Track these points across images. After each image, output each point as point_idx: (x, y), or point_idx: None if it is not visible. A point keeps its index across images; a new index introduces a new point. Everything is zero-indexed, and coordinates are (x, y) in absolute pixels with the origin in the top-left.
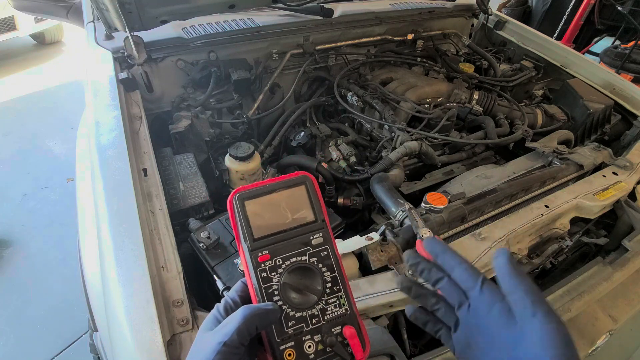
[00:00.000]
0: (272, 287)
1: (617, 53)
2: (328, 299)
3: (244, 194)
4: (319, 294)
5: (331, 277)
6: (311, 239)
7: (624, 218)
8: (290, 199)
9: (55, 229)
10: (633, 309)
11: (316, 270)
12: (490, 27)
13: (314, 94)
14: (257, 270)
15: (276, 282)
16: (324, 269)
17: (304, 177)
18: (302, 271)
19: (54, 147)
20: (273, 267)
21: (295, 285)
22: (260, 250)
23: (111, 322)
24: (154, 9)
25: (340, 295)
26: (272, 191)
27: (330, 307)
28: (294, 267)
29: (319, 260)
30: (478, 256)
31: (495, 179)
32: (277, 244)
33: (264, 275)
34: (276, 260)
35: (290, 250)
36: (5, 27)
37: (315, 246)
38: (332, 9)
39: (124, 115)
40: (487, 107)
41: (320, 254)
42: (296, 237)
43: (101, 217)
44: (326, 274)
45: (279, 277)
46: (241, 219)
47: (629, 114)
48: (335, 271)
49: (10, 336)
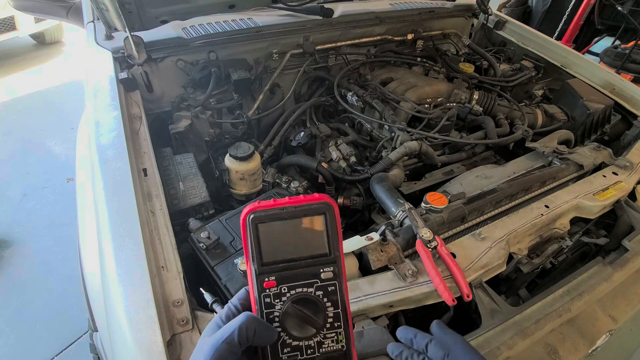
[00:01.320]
0: (274, 314)
1: (617, 53)
2: (326, 333)
3: (258, 216)
4: (318, 328)
5: (334, 313)
6: (321, 272)
7: (624, 218)
8: (306, 227)
9: (55, 229)
10: (633, 309)
11: (320, 304)
12: (490, 27)
13: (314, 94)
14: (261, 294)
15: (278, 310)
16: (328, 304)
17: (325, 206)
18: (305, 302)
19: (54, 147)
20: (277, 295)
21: (297, 315)
22: (267, 276)
23: (111, 322)
24: (154, 9)
25: (340, 332)
26: (288, 217)
27: (327, 341)
28: (298, 298)
29: (324, 295)
30: (478, 256)
31: (495, 179)
32: (286, 271)
33: (267, 301)
34: (282, 288)
35: (297, 280)
36: (5, 27)
37: (323, 280)
38: (332, 9)
39: (124, 115)
40: (487, 107)
41: (328, 289)
42: (306, 268)
43: (101, 217)
44: (329, 309)
45: (282, 305)
46: (252, 240)
47: (629, 114)
48: (340, 307)
49: (10, 336)
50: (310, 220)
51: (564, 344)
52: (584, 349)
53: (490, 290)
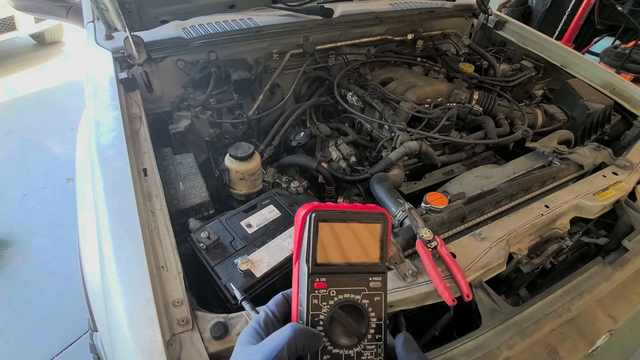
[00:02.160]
0: (319, 317)
1: (617, 53)
2: (367, 345)
3: (322, 214)
4: (360, 337)
5: (376, 325)
6: (370, 280)
7: (624, 218)
8: (363, 233)
9: (55, 229)
10: (633, 309)
11: (365, 313)
12: (490, 27)
13: (314, 94)
14: (310, 295)
15: (324, 313)
16: (372, 314)
17: (382, 216)
18: (351, 309)
19: (54, 147)
20: (325, 297)
21: (342, 321)
22: (318, 276)
23: (111, 322)
24: (154, 9)
25: (380, 345)
26: (349, 220)
27: (367, 353)
28: (345, 304)
29: (370, 304)
30: (478, 256)
31: (495, 179)
32: (336, 275)
33: (315, 303)
34: (330, 291)
35: (347, 285)
36: (5, 27)
37: (371, 289)
38: (332, 9)
39: (124, 115)
40: (487, 107)
41: (374, 298)
42: (356, 274)
43: (101, 217)
44: (373, 319)
45: (328, 308)
46: (309, 239)
47: (629, 114)
48: (382, 319)
49: (10, 336)
50: (367, 227)
51: (564, 344)
52: (584, 349)
53: (490, 290)
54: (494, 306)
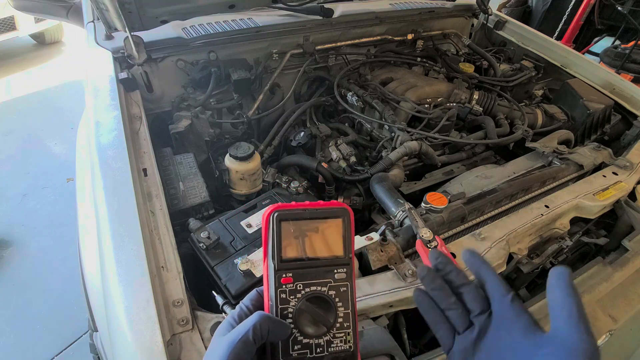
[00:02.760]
0: (288, 310)
1: (617, 53)
2: (336, 333)
3: (283, 213)
4: (329, 326)
5: (344, 313)
6: (335, 272)
7: (624, 218)
8: (325, 229)
9: (55, 229)
10: (633, 309)
11: (332, 304)
12: (490, 27)
13: (314, 94)
14: (277, 290)
15: (292, 306)
16: (340, 304)
17: (343, 211)
18: (318, 300)
19: (54, 147)
20: (293, 291)
21: (310, 312)
22: (284, 272)
23: (111, 322)
24: (154, 9)
25: (348, 332)
26: (310, 218)
27: (336, 340)
28: (312, 296)
29: (337, 295)
30: None
31: (495, 179)
32: (302, 269)
33: (283, 297)
34: (297, 285)
35: (312, 279)
36: (5, 27)
37: (337, 280)
38: (332, 9)
39: (124, 115)
40: (487, 107)
41: (340, 289)
42: (321, 267)
43: (101, 217)
44: (340, 309)
45: (296, 301)
46: (274, 237)
47: (629, 114)
48: (350, 308)
49: (10, 336)
50: (329, 223)
51: None
52: None
53: None
54: None
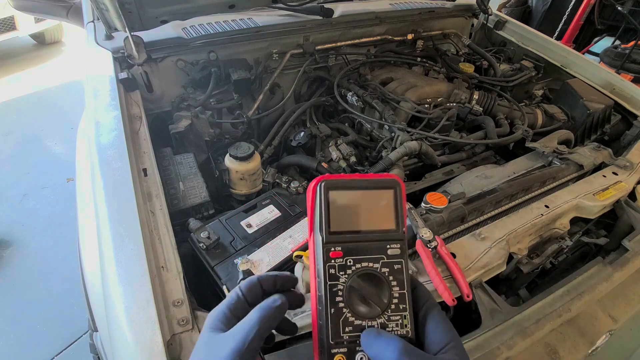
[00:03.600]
0: (338, 287)
1: (617, 53)
2: (391, 315)
3: (331, 182)
4: (383, 307)
5: (399, 294)
6: (387, 247)
7: (624, 218)
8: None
9: (55, 229)
10: (633, 309)
11: (385, 282)
12: (490, 27)
13: (314, 94)
14: (326, 265)
15: (342, 283)
16: (394, 283)
17: (395, 182)
18: (370, 279)
19: (54, 147)
20: (342, 266)
21: (362, 291)
22: (333, 245)
23: (111, 322)
24: (154, 9)
25: (405, 316)
26: (360, 188)
27: (392, 324)
28: (363, 273)
29: (390, 272)
30: (478, 256)
31: (495, 179)
32: (352, 243)
33: (332, 272)
34: (347, 260)
35: (363, 254)
36: (5, 27)
37: (390, 256)
38: (332, 9)
39: (124, 115)
40: (487, 107)
41: (394, 266)
42: (372, 242)
43: (101, 217)
44: (395, 289)
45: (346, 278)
46: (321, 207)
47: (629, 114)
48: (405, 288)
49: (10, 336)
50: (379, 194)
51: (564, 344)
52: (584, 349)
53: (490, 290)
54: (494, 306)
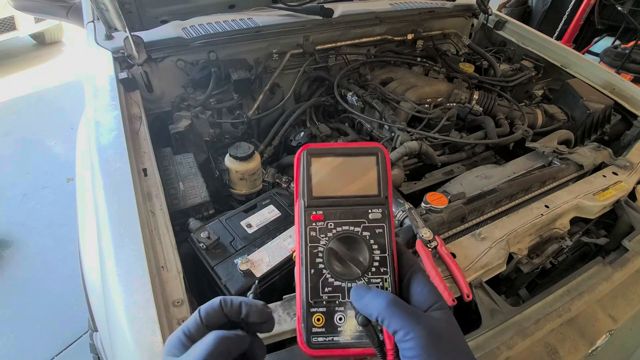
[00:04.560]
0: (318, 249)
1: (617, 53)
2: (371, 278)
3: (314, 150)
4: (363, 270)
5: (380, 257)
6: (369, 212)
7: (624, 218)
8: (358, 167)
9: (55, 229)
10: (633, 309)
11: (366, 245)
12: (490, 27)
13: (314, 94)
14: (307, 227)
15: (323, 245)
16: (375, 247)
17: (377, 148)
18: (351, 242)
19: (54, 147)
20: (323, 229)
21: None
22: (314, 209)
23: (111, 322)
24: (154, 9)
25: (385, 279)
26: (342, 154)
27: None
28: (344, 235)
29: (371, 236)
30: (478, 256)
31: (495, 179)
32: (334, 207)
33: (313, 235)
34: (328, 223)
35: (344, 218)
36: (5, 27)
37: (371, 220)
38: (332, 9)
39: (124, 115)
40: (487, 107)
41: (375, 230)
42: (355, 207)
43: (101, 217)
44: (376, 252)
45: (326, 240)
46: (304, 173)
47: (629, 114)
48: (387, 252)
49: (10, 336)
50: (362, 160)
51: (564, 344)
52: (584, 349)
53: (490, 290)
54: (494, 306)
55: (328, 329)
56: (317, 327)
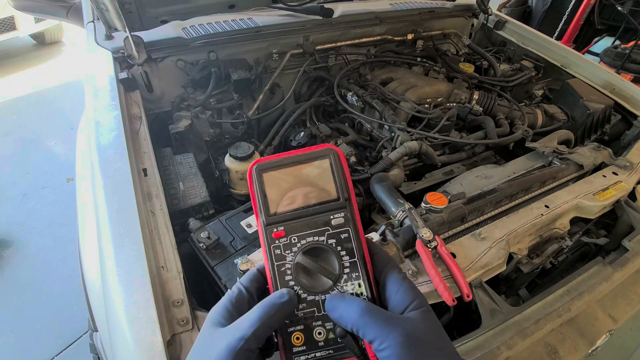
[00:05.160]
0: (285, 266)
1: (617, 53)
2: (344, 285)
3: (262, 165)
4: (335, 279)
5: (350, 262)
6: (331, 218)
7: (624, 218)
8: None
9: (55, 229)
10: (633, 309)
11: (333, 253)
12: (490, 27)
13: (314, 94)
14: (270, 246)
15: (289, 261)
16: (343, 252)
17: (328, 150)
18: (318, 252)
19: (54, 147)
20: (287, 245)
21: (310, 266)
22: (275, 226)
23: (111, 322)
24: (154, 9)
25: (359, 284)
26: (293, 164)
27: (345, 295)
28: (309, 247)
29: (338, 243)
30: (478, 256)
31: (495, 179)
32: (294, 220)
33: (277, 253)
34: (291, 238)
35: (307, 229)
36: (5, 27)
37: (335, 227)
38: (332, 9)
39: (124, 115)
40: (487, 107)
41: (340, 236)
42: (315, 215)
43: (101, 217)
44: (345, 258)
45: (293, 256)
46: (258, 191)
47: (629, 114)
48: (356, 256)
49: (10, 336)
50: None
51: (564, 344)
52: (584, 349)
53: (490, 290)
54: (494, 306)
55: (309, 346)
56: (298, 346)
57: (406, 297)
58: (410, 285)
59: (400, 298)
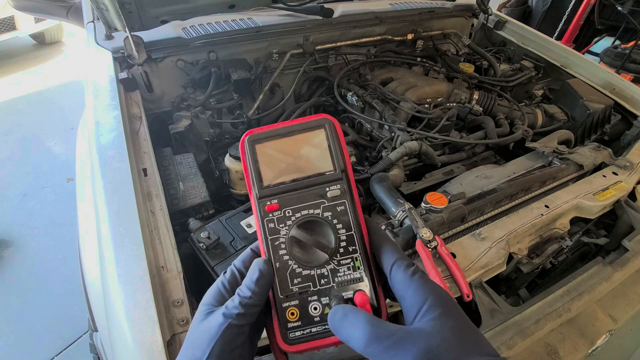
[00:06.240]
0: (279, 240)
1: (617, 53)
2: (341, 260)
3: (255, 136)
4: (331, 253)
5: (347, 236)
6: (327, 190)
7: (624, 218)
8: (306, 144)
9: (55, 229)
10: (633, 309)
11: (329, 226)
12: (490, 27)
13: (314, 94)
14: (264, 220)
15: (283, 235)
16: (339, 226)
17: (324, 120)
18: (313, 226)
19: (54, 147)
20: (282, 219)
21: (305, 240)
22: (269, 199)
23: (111, 322)
24: (154, 9)
25: (356, 257)
26: (286, 134)
27: (342, 268)
28: (304, 221)
29: (334, 216)
30: (478, 256)
31: (495, 179)
32: (288, 193)
33: (271, 227)
34: (285, 212)
35: (301, 202)
36: (5, 27)
37: (330, 199)
38: (332, 9)
39: (124, 115)
40: (487, 107)
41: (336, 209)
42: (310, 188)
43: (101, 217)
44: (341, 232)
45: (287, 229)
46: (250, 163)
47: (629, 114)
48: (353, 229)
49: (10, 336)
50: (309, 136)
51: (564, 344)
52: (584, 349)
53: (490, 290)
54: (494, 306)
55: (304, 321)
56: (293, 321)
57: (418, 298)
58: (422, 282)
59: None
